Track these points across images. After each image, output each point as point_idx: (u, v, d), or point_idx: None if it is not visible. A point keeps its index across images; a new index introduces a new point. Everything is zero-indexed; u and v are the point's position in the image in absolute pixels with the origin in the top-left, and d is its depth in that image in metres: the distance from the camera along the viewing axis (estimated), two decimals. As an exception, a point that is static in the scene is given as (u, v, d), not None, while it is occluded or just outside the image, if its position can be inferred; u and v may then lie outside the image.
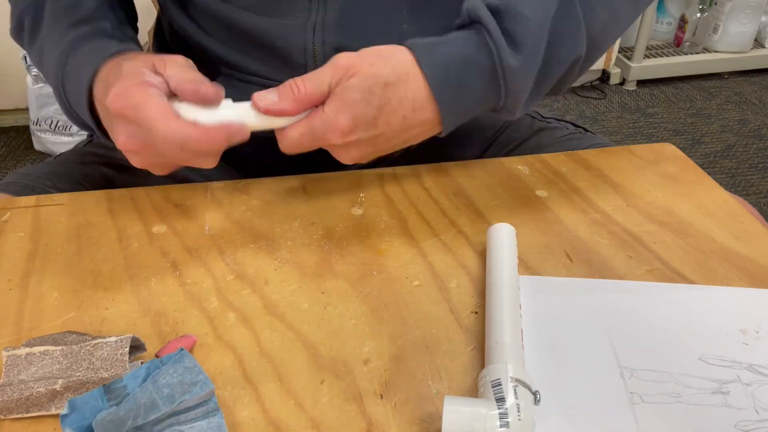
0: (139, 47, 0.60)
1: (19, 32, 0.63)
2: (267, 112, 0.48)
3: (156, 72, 0.48)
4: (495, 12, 0.50)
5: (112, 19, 0.61)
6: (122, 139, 0.48)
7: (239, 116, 0.48)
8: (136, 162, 0.49)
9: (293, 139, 0.48)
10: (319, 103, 0.48)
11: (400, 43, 0.65)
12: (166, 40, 0.73)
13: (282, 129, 0.48)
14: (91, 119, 0.53)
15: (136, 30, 0.66)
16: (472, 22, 0.51)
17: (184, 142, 0.45)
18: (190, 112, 0.47)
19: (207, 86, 0.47)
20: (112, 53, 0.52)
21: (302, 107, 0.48)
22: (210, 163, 0.48)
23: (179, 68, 0.49)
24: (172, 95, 0.48)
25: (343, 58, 0.48)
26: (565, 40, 0.51)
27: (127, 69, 0.49)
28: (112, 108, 0.47)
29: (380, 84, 0.47)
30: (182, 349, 0.38)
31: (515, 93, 0.50)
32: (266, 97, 0.48)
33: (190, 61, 0.51)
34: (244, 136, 0.48)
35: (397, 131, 0.49)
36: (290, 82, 0.48)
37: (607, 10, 0.53)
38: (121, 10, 0.64)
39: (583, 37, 0.52)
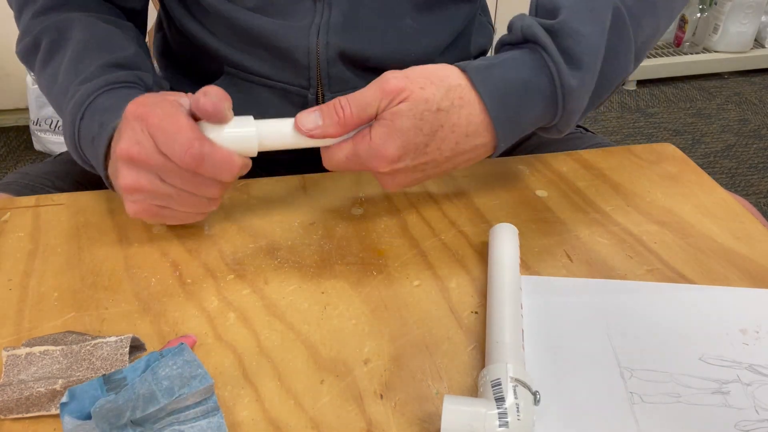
0: None
1: (31, 51, 0.60)
2: (311, 136, 0.46)
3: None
4: (550, 31, 0.47)
5: (150, 70, 0.59)
6: (126, 144, 0.44)
7: (277, 136, 0.46)
8: (128, 179, 0.45)
9: (338, 161, 0.47)
10: (365, 124, 0.46)
11: (404, 45, 0.65)
12: (167, 39, 0.73)
13: (327, 147, 0.47)
14: (103, 161, 0.51)
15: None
16: (526, 41, 0.49)
17: (204, 159, 0.43)
18: (212, 131, 0.45)
19: (205, 99, 0.44)
20: None
21: (347, 130, 0.46)
22: (215, 192, 0.46)
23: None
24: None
25: (392, 80, 0.45)
26: (617, 56, 0.49)
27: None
28: (134, 113, 0.44)
29: (432, 110, 0.45)
30: (182, 343, 0.38)
31: (571, 112, 0.49)
32: (309, 118, 0.46)
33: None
34: (248, 169, 0.47)
35: (449, 157, 0.48)
36: (335, 102, 0.46)
37: (651, 22, 0.51)
38: (150, 61, 0.61)
39: (632, 53, 0.50)
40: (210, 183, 0.46)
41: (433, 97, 0.45)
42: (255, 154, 0.47)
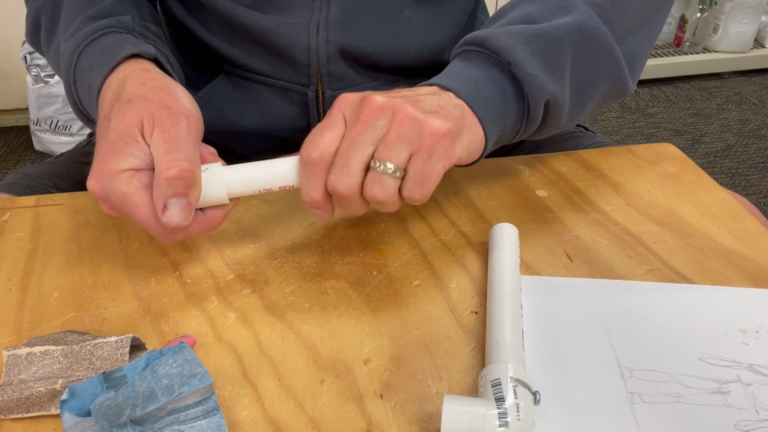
0: (163, 42, 0.57)
1: (35, 33, 0.60)
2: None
3: (143, 137, 0.44)
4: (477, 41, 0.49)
5: (134, 13, 0.57)
6: (95, 187, 0.43)
7: (239, 181, 0.45)
8: (105, 209, 0.45)
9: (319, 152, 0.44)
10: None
11: (403, 42, 0.65)
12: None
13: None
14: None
15: (159, 24, 0.62)
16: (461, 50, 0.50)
17: (180, 231, 0.44)
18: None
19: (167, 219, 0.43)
20: (126, 56, 0.49)
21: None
22: (186, 235, 0.46)
23: (164, 141, 0.43)
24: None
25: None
26: (604, 75, 0.51)
27: (115, 126, 0.44)
28: (97, 196, 0.43)
29: (396, 91, 0.45)
30: (182, 342, 0.38)
31: (527, 74, 0.47)
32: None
33: (193, 121, 0.45)
34: (217, 221, 0.47)
35: (422, 96, 0.44)
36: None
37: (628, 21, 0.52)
38: (143, 7, 0.60)
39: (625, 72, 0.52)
40: (186, 232, 0.46)
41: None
42: (226, 202, 0.46)
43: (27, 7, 0.62)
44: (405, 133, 0.41)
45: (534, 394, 0.37)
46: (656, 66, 2.48)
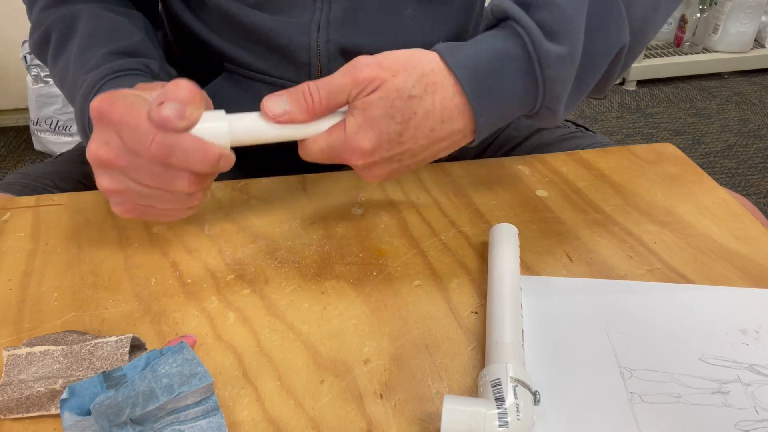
0: None
1: (42, 45, 0.60)
2: (278, 122, 0.44)
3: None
4: (522, 5, 0.46)
5: (158, 58, 0.58)
6: (95, 146, 0.42)
7: (250, 128, 0.44)
8: (103, 181, 0.44)
9: (314, 154, 0.46)
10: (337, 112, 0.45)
11: (405, 41, 0.65)
12: (167, 37, 0.73)
13: (302, 140, 0.45)
14: None
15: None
16: (499, 21, 0.48)
17: (173, 147, 0.41)
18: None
19: (158, 110, 0.41)
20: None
21: (315, 117, 0.45)
22: (184, 184, 0.43)
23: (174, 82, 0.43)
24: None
25: (365, 69, 0.44)
26: (607, 27, 0.47)
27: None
28: (98, 110, 0.42)
29: (404, 98, 0.44)
30: (182, 341, 0.38)
31: (554, 84, 0.46)
32: (277, 103, 0.44)
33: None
34: (230, 164, 0.44)
35: (425, 145, 0.46)
36: (303, 87, 0.44)
37: None
38: (160, 47, 0.61)
39: (625, 25, 0.48)
40: (182, 176, 0.43)
41: (405, 84, 0.44)
42: (228, 149, 0.44)
43: (32, 16, 0.62)
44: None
45: (534, 394, 0.37)
46: (656, 66, 2.48)
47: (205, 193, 0.47)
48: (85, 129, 0.53)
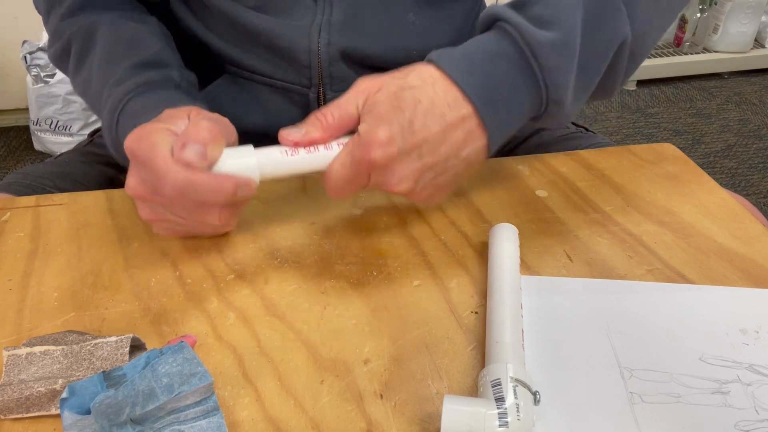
0: (196, 89, 0.60)
1: (63, 57, 0.61)
2: (297, 145, 0.46)
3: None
4: (515, 5, 0.48)
5: (177, 66, 0.60)
6: (132, 183, 0.46)
7: (276, 159, 0.47)
8: (143, 212, 0.48)
9: (337, 172, 0.46)
10: (350, 129, 0.47)
11: (405, 45, 0.65)
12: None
13: (326, 172, 0.47)
14: None
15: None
16: (490, 25, 0.49)
17: (186, 186, 0.44)
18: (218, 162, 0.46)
19: (181, 154, 0.44)
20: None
21: (332, 135, 0.47)
22: (215, 218, 0.47)
23: (199, 116, 0.47)
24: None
25: (365, 80, 0.48)
26: (605, 18, 0.48)
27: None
28: (129, 149, 0.45)
29: (405, 87, 0.46)
30: (182, 341, 0.38)
31: (552, 73, 0.47)
32: (293, 132, 0.47)
33: (226, 120, 0.49)
34: (251, 191, 0.46)
35: (440, 135, 0.46)
36: (316, 113, 0.47)
37: None
38: (177, 52, 0.63)
39: (625, 18, 0.49)
40: (212, 210, 0.47)
41: (403, 79, 0.47)
42: (256, 181, 0.47)
43: (50, 25, 0.62)
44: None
45: (534, 394, 0.37)
46: (656, 66, 2.48)
47: (234, 217, 0.50)
48: (115, 144, 0.55)
